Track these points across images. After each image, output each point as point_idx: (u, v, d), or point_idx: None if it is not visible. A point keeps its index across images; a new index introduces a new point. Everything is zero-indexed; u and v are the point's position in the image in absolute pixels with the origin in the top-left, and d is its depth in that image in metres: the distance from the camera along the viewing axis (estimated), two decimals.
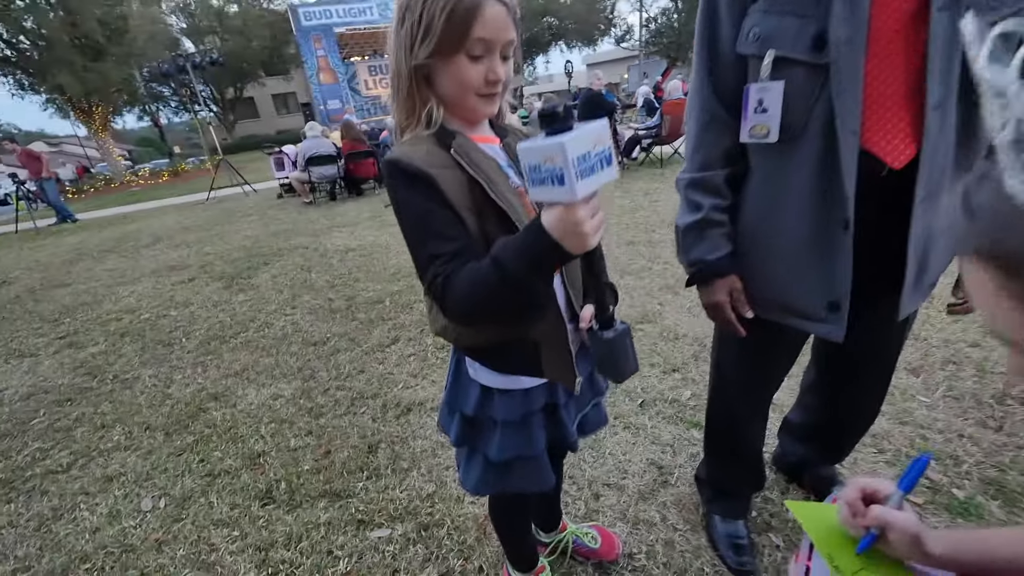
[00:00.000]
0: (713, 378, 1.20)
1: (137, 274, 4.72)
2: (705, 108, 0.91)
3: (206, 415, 2.15)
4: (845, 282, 0.82)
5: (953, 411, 1.63)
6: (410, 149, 0.71)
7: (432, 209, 0.69)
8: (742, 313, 0.97)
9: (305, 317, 3.13)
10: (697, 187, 0.95)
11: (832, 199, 0.79)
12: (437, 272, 0.68)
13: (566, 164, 0.50)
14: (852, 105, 0.73)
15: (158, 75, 12.08)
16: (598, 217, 0.57)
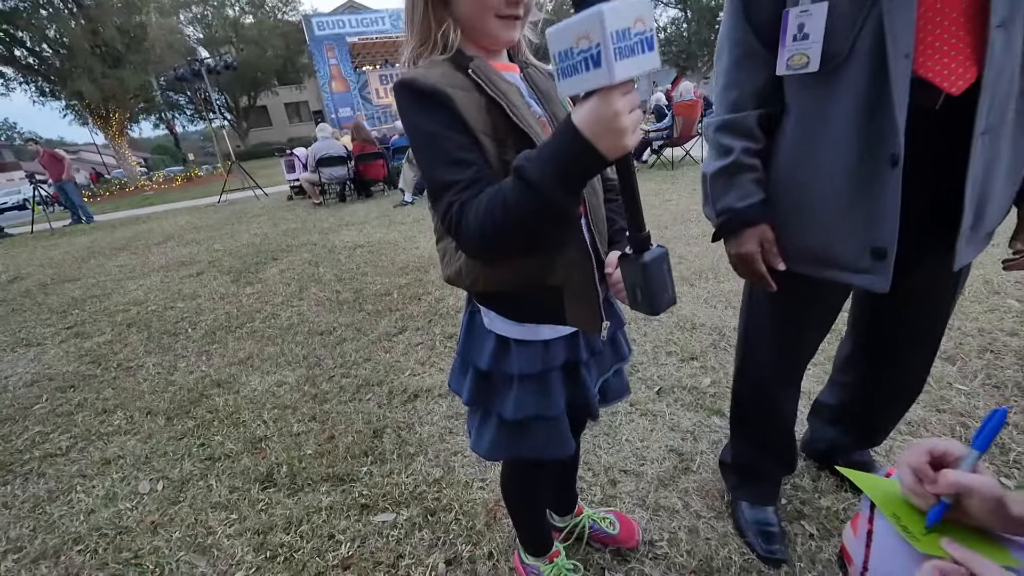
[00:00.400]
0: (741, 345, 1.12)
1: (147, 269, 4.72)
2: (738, 41, 0.84)
3: (208, 401, 2.09)
4: (892, 226, 0.75)
5: (994, 399, 1.53)
6: (425, 71, 0.65)
7: (448, 131, 0.63)
8: (773, 265, 0.89)
9: (312, 308, 3.08)
10: (727, 129, 0.88)
11: (879, 132, 0.72)
12: (452, 200, 0.62)
13: (604, 38, 0.43)
14: (905, 24, 0.66)
15: (174, 81, 12.33)
16: (636, 112, 0.50)
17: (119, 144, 17.45)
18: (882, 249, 0.76)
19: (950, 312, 0.95)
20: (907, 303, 0.86)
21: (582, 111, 0.50)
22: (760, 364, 1.07)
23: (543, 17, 0.75)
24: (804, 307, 0.96)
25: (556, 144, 0.53)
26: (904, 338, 0.98)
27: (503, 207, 0.57)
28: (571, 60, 0.47)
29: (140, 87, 16.51)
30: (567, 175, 0.54)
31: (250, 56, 27.61)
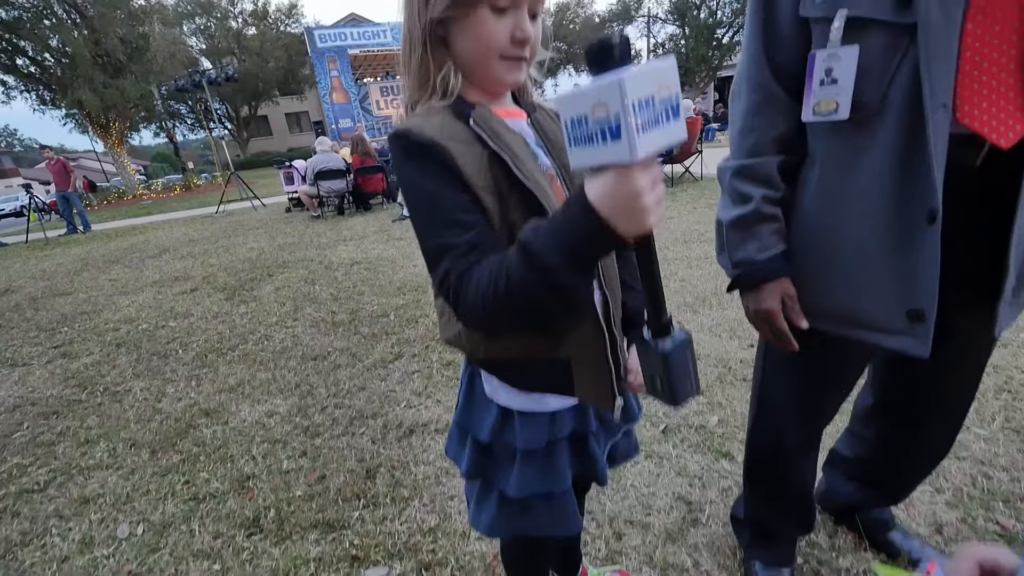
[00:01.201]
0: (756, 400, 1.05)
1: (139, 284, 4.65)
2: (757, 85, 0.79)
3: (196, 432, 2.01)
4: (931, 287, 0.69)
5: (1015, 445, 1.46)
6: (423, 121, 0.60)
7: (446, 190, 0.57)
8: (796, 323, 0.83)
9: (306, 330, 3.01)
10: (745, 176, 0.82)
11: (915, 187, 0.66)
12: (450, 267, 0.56)
13: (623, 110, 0.37)
14: (944, 74, 0.61)
15: (174, 91, 12.35)
16: (660, 188, 0.44)
17: (118, 153, 17.43)
18: (920, 311, 0.70)
19: (980, 377, 0.89)
20: (939, 367, 0.80)
21: (598, 186, 0.44)
22: (777, 424, 1.01)
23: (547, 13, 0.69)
24: (827, 367, 0.90)
25: (567, 220, 0.48)
26: (933, 403, 0.92)
27: (507, 285, 0.51)
28: (585, 129, 0.41)
29: (141, 97, 16.54)
30: (579, 256, 0.48)
31: (252, 67, 27.83)
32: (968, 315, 0.76)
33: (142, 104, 17.38)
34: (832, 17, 0.67)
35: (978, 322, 0.75)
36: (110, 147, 17.15)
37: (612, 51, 0.39)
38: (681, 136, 0.42)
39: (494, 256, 0.55)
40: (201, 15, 28.46)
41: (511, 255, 0.52)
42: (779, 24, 0.74)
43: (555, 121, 0.72)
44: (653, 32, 28.83)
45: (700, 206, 5.39)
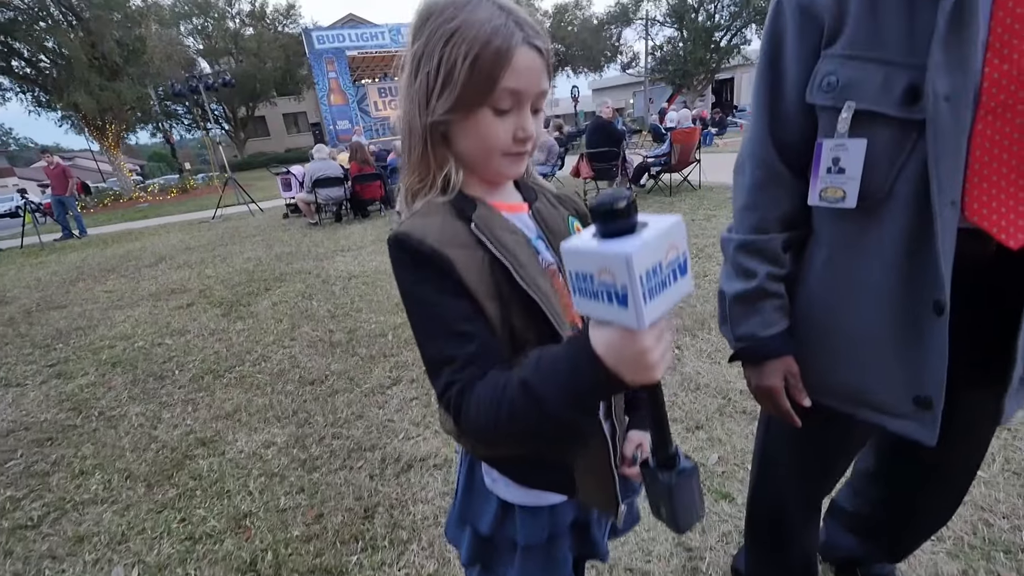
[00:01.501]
0: (758, 462, 1.05)
1: (136, 297, 4.62)
2: (762, 163, 0.78)
3: (192, 464, 2.00)
4: (939, 376, 0.68)
5: (1015, 490, 1.46)
6: (422, 222, 0.59)
7: (446, 299, 0.56)
8: (799, 401, 0.83)
9: (304, 351, 3.00)
10: (749, 251, 0.81)
11: (923, 278, 0.66)
12: (451, 380, 0.55)
13: (631, 282, 0.37)
14: (952, 172, 0.61)
15: (171, 95, 12.30)
16: (666, 340, 0.44)
17: (114, 155, 17.34)
18: (928, 399, 0.70)
19: (984, 454, 0.89)
20: (942, 445, 0.80)
21: (603, 338, 0.44)
22: (778, 488, 1.00)
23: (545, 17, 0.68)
24: (829, 439, 0.89)
25: (571, 365, 0.47)
26: (936, 478, 0.92)
27: (509, 415, 0.50)
28: (590, 286, 0.41)
29: (138, 100, 16.46)
30: (583, 399, 0.48)
31: (249, 67, 27.73)
32: (974, 398, 0.75)
33: (138, 106, 17.29)
34: (839, 107, 0.66)
35: (983, 405, 0.75)
36: (106, 149, 17.07)
37: (618, 215, 0.38)
38: (688, 290, 0.42)
39: (496, 372, 0.54)
40: (198, 15, 28.35)
41: (513, 387, 0.51)
42: (785, 105, 0.74)
43: (556, 208, 0.71)
44: (651, 35, 28.87)
45: (699, 217, 5.40)
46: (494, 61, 0.54)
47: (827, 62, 0.67)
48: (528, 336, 0.60)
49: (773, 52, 0.73)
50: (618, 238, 0.39)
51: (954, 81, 0.58)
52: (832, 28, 0.66)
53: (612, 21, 30.85)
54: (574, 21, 31.86)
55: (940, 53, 0.57)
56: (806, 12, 0.68)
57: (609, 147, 6.56)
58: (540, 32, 0.58)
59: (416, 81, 0.59)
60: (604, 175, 6.88)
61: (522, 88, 0.57)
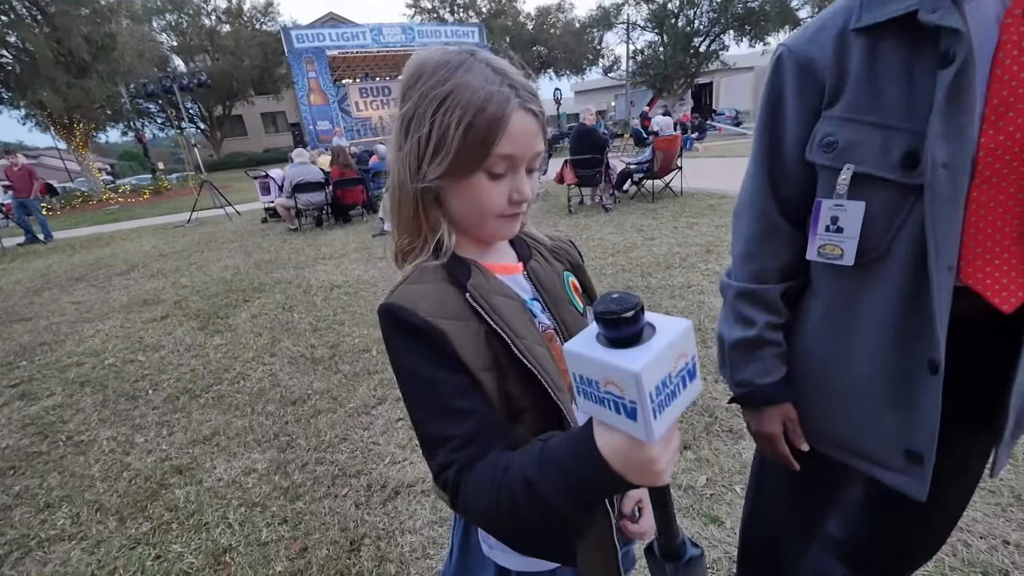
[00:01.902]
0: (752, 498, 1.06)
1: (106, 309, 4.44)
2: (761, 214, 0.78)
3: (167, 494, 1.92)
4: (931, 433, 0.69)
5: (991, 509, 1.50)
6: (414, 291, 0.57)
7: (441, 374, 0.54)
8: (797, 446, 0.84)
9: (284, 368, 2.92)
10: (748, 300, 0.82)
11: (918, 337, 0.67)
12: (448, 461, 0.53)
13: (640, 399, 0.36)
14: (949, 236, 0.61)
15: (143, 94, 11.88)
16: (675, 443, 0.42)
17: (83, 154, 16.71)
18: (918, 454, 0.71)
19: (970, 497, 0.91)
20: (931, 494, 0.81)
21: (609, 442, 0.42)
22: (772, 526, 1.01)
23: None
24: (825, 482, 0.90)
25: (575, 465, 0.45)
26: (922, 522, 0.93)
27: (510, 507, 0.49)
28: (595, 391, 0.39)
29: (108, 98, 15.89)
30: (586, 499, 0.47)
31: (226, 65, 27.07)
32: (964, 448, 0.77)
33: (108, 104, 16.70)
34: (839, 168, 0.66)
35: (973, 455, 0.76)
36: (74, 148, 16.44)
37: (625, 325, 0.36)
38: (698, 391, 0.41)
39: (496, 454, 0.52)
40: (172, 11, 27.54)
41: (515, 482, 0.49)
42: (785, 160, 0.74)
43: (551, 264, 0.70)
44: (632, 38, 29.21)
45: (681, 225, 5.46)
46: (489, 128, 0.52)
47: (827, 123, 0.67)
48: (524, 403, 0.59)
49: (773, 107, 0.73)
50: (624, 348, 0.37)
51: (952, 150, 0.58)
52: (832, 89, 0.66)
53: (594, 24, 31.11)
54: (556, 24, 32.02)
55: (939, 123, 0.58)
56: (806, 71, 0.68)
57: (592, 154, 6.60)
58: (534, 94, 0.56)
59: (407, 144, 0.57)
60: (588, 181, 6.92)
61: (517, 153, 0.55)
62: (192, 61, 28.10)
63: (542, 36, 31.01)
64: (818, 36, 0.67)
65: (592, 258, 4.53)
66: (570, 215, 6.69)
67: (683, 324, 0.39)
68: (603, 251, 4.73)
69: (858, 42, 0.63)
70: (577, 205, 7.22)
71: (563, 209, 7.02)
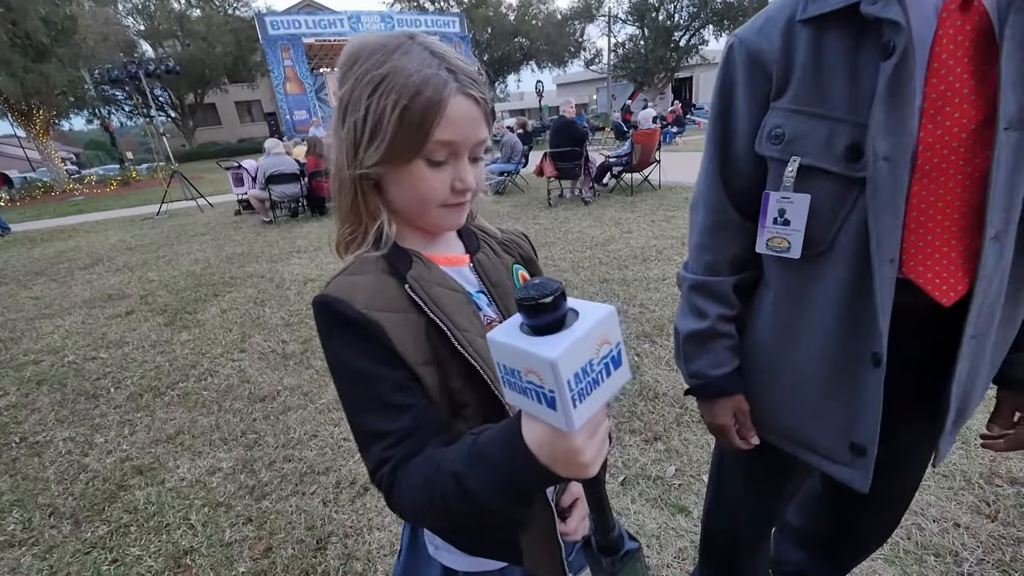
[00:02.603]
0: (713, 489, 1.07)
1: (67, 304, 4.26)
2: (714, 208, 0.78)
3: (127, 495, 1.85)
4: (873, 424, 0.70)
5: (944, 492, 1.56)
6: (350, 282, 0.55)
7: (379, 369, 0.53)
8: (747, 439, 0.86)
9: (254, 364, 2.85)
10: (702, 292, 0.82)
11: (861, 330, 0.67)
12: (383, 457, 0.52)
13: (558, 387, 0.34)
14: (891, 229, 0.62)
15: (108, 80, 11.36)
16: (601, 433, 0.41)
17: (44, 143, 15.93)
18: (862, 447, 0.72)
19: (918, 485, 0.93)
20: (877, 484, 0.83)
21: (535, 434, 0.41)
22: (732, 513, 1.03)
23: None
24: (778, 470, 0.91)
25: (503, 459, 0.44)
26: (872, 509, 0.95)
27: (442, 504, 0.47)
28: (518, 382, 0.38)
29: (69, 83, 15.15)
30: (516, 493, 0.45)
31: (197, 52, 26.10)
32: (908, 438, 0.78)
33: (70, 90, 15.94)
34: (786, 160, 0.66)
35: (917, 445, 0.78)
36: (34, 136, 15.66)
37: (545, 311, 0.35)
38: (626, 379, 0.40)
39: (431, 449, 0.51)
40: None
41: (445, 479, 0.47)
42: (735, 153, 0.74)
43: (500, 256, 0.68)
44: (613, 32, 29.20)
45: (658, 219, 5.51)
46: (425, 112, 0.50)
47: (774, 115, 0.67)
48: (466, 398, 0.57)
49: (724, 99, 0.73)
50: (545, 335, 0.36)
51: (893, 143, 0.58)
52: (780, 80, 0.65)
53: (575, 16, 30.97)
54: (538, 15, 31.77)
55: (881, 114, 0.58)
56: (755, 62, 0.67)
57: (572, 147, 6.59)
58: (476, 80, 0.54)
59: (344, 128, 0.55)
60: (567, 174, 6.91)
61: (457, 139, 0.53)
62: (161, 46, 27.01)
63: (524, 27, 30.73)
64: (767, 27, 0.66)
65: (571, 251, 4.53)
66: (550, 208, 6.68)
67: (606, 309, 0.37)
68: (582, 244, 4.73)
69: (804, 33, 0.62)
70: (557, 198, 7.22)
71: (543, 202, 7.01)
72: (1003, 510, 1.47)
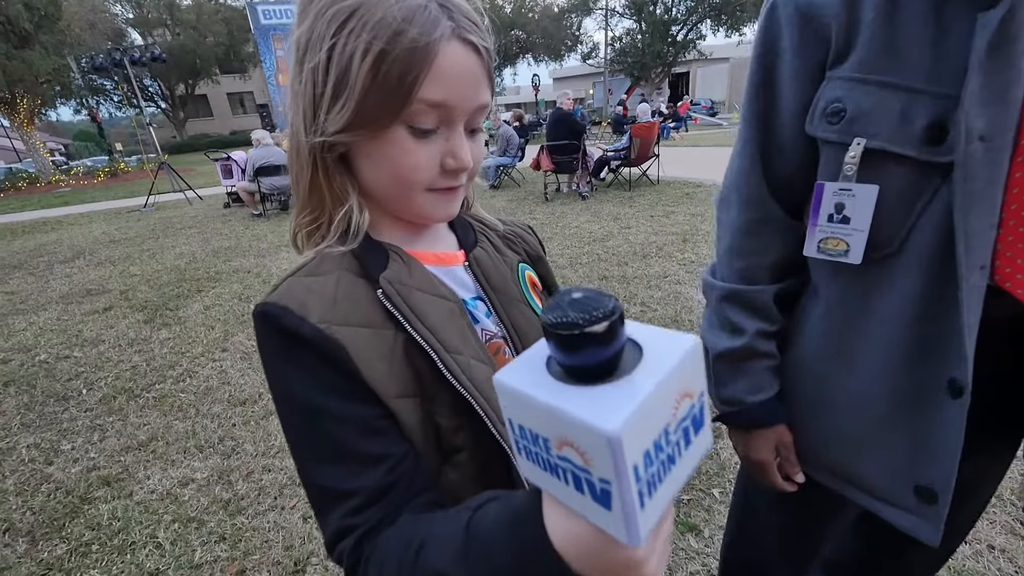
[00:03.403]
0: (738, 515, 0.94)
1: (43, 299, 4.08)
2: (751, 202, 0.64)
3: (91, 509, 1.71)
4: (949, 466, 0.57)
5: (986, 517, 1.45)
6: (305, 286, 0.42)
7: (339, 407, 0.39)
8: (791, 475, 0.72)
9: (236, 364, 2.70)
10: (737, 303, 0.68)
11: (938, 351, 0.55)
12: (345, 527, 0.39)
13: (618, 477, 0.21)
14: (984, 229, 0.49)
15: (92, 68, 11.00)
16: (666, 531, 0.29)
17: (29, 132, 15.54)
18: (932, 491, 0.59)
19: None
20: None
21: (569, 533, 0.27)
22: (760, 546, 0.90)
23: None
24: (823, 515, 0.79)
25: (514, 561, 0.30)
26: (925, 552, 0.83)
27: None
28: (542, 452, 0.25)
29: (54, 71, 14.75)
30: None
31: (188, 41, 25.65)
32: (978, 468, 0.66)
33: (55, 79, 15.54)
34: (847, 143, 0.53)
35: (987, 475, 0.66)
36: (17, 126, 15.27)
37: (593, 344, 0.21)
38: (707, 448, 0.26)
39: (408, 517, 0.38)
40: None
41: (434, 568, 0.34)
42: (780, 132, 0.60)
43: (502, 254, 0.54)
44: (610, 25, 28.94)
45: (657, 214, 5.38)
46: (408, 60, 0.37)
47: (833, 86, 0.53)
48: (458, 441, 0.44)
49: (766, 68, 0.59)
50: (589, 384, 0.22)
51: (992, 117, 0.45)
52: (841, 43, 0.52)
53: (573, 10, 30.69)
54: (535, 8, 31.45)
55: (978, 82, 0.44)
56: (808, 20, 0.53)
57: (570, 140, 6.45)
58: (478, 23, 0.40)
59: (300, 80, 0.41)
60: (564, 168, 6.78)
61: (451, 101, 0.39)
62: (150, 35, 26.51)
63: (520, 20, 30.42)
64: None
65: (568, 247, 4.40)
66: (546, 202, 6.54)
67: (688, 343, 0.24)
68: (579, 240, 4.60)
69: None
70: (554, 192, 7.08)
71: (539, 196, 6.86)
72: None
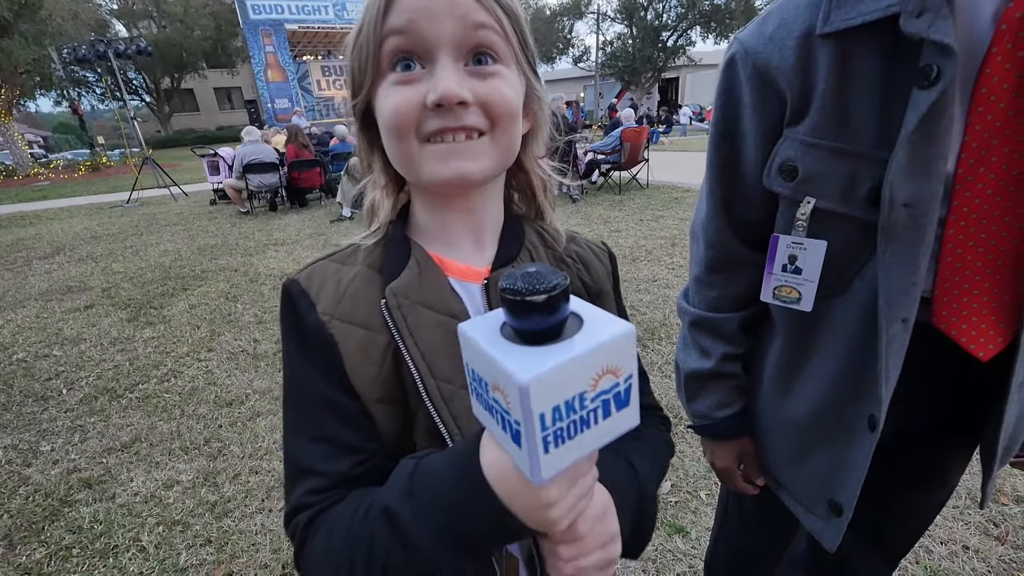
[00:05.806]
0: (720, 521, 0.98)
1: (21, 296, 3.98)
2: (715, 243, 0.68)
3: (71, 512, 1.68)
4: (854, 487, 0.63)
5: (949, 511, 1.49)
6: (328, 273, 0.44)
7: (331, 394, 0.41)
8: (753, 480, 0.79)
9: (222, 364, 2.66)
10: (705, 329, 0.73)
11: (862, 388, 0.58)
12: (305, 502, 0.41)
13: (526, 421, 0.25)
14: (904, 287, 0.51)
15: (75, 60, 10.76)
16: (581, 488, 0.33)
17: (7, 124, 15.13)
18: (839, 506, 0.65)
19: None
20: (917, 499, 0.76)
21: (497, 465, 0.31)
22: (739, 548, 0.96)
23: None
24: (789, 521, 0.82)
25: (453, 494, 0.33)
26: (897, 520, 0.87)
27: (367, 556, 0.35)
28: (483, 393, 0.29)
29: (34, 61, 14.39)
30: (470, 545, 0.34)
31: (174, 34, 25.23)
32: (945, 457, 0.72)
33: (35, 69, 15.16)
34: (799, 200, 0.56)
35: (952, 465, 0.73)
36: None
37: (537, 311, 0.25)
38: (631, 425, 0.29)
39: (355, 500, 0.39)
40: None
41: (375, 522, 0.36)
42: (742, 181, 0.63)
43: None
44: (602, 30, 29.15)
45: (647, 218, 5.44)
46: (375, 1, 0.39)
47: (788, 145, 0.56)
48: None
49: (728, 119, 0.61)
50: (531, 344, 0.26)
51: (917, 187, 0.48)
52: (795, 105, 0.54)
53: (564, 13, 30.85)
54: (527, 10, 31.52)
55: (904, 153, 0.47)
56: (765, 80, 0.55)
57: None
58: None
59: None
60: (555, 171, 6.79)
61: (417, 24, 0.37)
62: (135, 27, 26.00)
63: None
64: (779, 35, 0.53)
65: None
66: None
67: (621, 328, 0.27)
68: None
69: (826, 49, 0.50)
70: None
71: None
72: (1011, 532, 1.41)
